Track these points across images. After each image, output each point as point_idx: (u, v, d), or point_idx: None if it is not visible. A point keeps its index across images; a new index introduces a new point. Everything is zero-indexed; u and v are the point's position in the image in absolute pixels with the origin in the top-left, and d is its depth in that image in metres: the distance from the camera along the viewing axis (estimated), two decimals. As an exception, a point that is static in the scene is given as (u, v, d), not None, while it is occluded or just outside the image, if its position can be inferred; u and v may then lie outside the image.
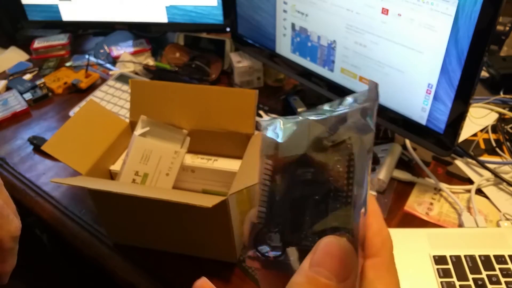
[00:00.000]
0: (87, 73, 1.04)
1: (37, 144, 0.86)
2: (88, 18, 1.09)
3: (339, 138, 0.24)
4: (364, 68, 0.73)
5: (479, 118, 0.86)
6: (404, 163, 0.78)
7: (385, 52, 0.68)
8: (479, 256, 0.60)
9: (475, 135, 0.83)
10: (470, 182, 0.74)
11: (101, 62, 1.10)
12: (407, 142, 0.80)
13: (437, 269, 0.59)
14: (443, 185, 0.73)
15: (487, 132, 0.84)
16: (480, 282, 0.57)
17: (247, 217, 0.25)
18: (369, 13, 0.67)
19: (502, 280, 0.57)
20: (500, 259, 0.59)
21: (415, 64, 0.65)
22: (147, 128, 0.66)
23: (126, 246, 0.66)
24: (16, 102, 0.97)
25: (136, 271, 0.64)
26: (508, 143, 0.80)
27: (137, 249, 0.66)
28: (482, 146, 0.81)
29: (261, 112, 0.93)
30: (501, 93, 0.92)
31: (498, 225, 0.67)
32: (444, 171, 0.77)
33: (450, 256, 0.60)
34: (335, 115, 0.24)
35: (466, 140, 0.82)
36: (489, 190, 0.73)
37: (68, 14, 1.09)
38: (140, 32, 1.15)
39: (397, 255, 0.68)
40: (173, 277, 0.62)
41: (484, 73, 0.98)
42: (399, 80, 0.68)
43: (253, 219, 0.25)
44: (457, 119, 0.63)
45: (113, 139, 0.67)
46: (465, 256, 0.60)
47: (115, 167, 0.67)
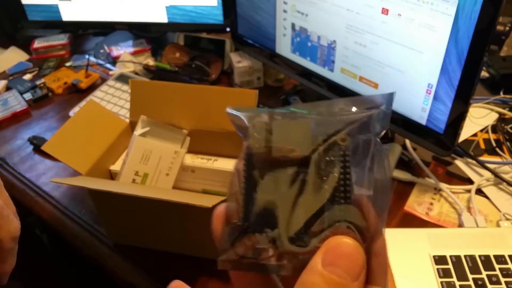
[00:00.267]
0: (87, 73, 1.04)
1: (37, 144, 0.86)
2: (88, 18, 1.09)
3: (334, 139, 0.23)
4: (364, 68, 0.73)
5: (479, 118, 0.86)
6: (404, 163, 0.78)
7: (385, 52, 0.68)
8: (479, 256, 0.60)
9: (475, 135, 0.83)
10: (470, 182, 0.74)
11: (101, 62, 1.10)
12: (407, 142, 0.80)
13: (437, 269, 0.59)
14: (443, 185, 0.73)
15: (487, 132, 0.84)
16: (480, 282, 0.57)
17: (217, 215, 0.24)
18: (369, 13, 0.67)
19: (502, 280, 0.57)
20: (500, 259, 0.59)
21: (415, 64, 0.65)
22: (147, 128, 0.66)
23: (126, 246, 0.66)
24: (16, 102, 0.97)
25: (136, 271, 0.64)
26: (508, 143, 0.80)
27: (137, 249, 0.66)
28: (482, 146, 0.81)
29: (261, 112, 0.93)
30: (501, 93, 0.92)
31: (498, 225, 0.67)
32: (444, 171, 0.77)
33: (450, 256, 0.60)
34: (339, 118, 0.24)
35: (466, 140, 0.82)
36: (489, 190, 0.73)
37: (68, 14, 1.09)
38: (140, 32, 1.15)
39: (397, 255, 0.68)
40: (173, 277, 0.62)
41: (484, 73, 0.98)
42: (399, 80, 0.68)
43: (230, 219, 0.24)
44: (457, 119, 0.63)
45: (113, 139, 0.67)
46: (465, 256, 0.60)
47: (115, 167, 0.67)
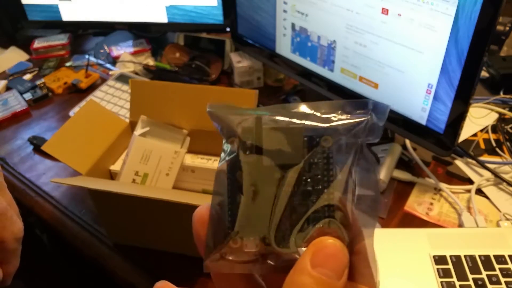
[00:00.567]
0: (87, 73, 1.04)
1: (37, 144, 0.86)
2: (88, 18, 1.09)
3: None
4: (364, 68, 0.73)
5: (479, 118, 0.86)
6: (404, 163, 0.78)
7: (385, 52, 0.68)
8: (479, 256, 0.60)
9: (475, 135, 0.83)
10: (470, 182, 0.74)
11: (101, 62, 1.10)
12: (407, 142, 0.80)
13: (437, 269, 0.59)
14: (443, 185, 0.73)
15: (487, 132, 0.84)
16: (480, 282, 0.57)
17: (199, 218, 0.24)
18: (369, 13, 0.67)
19: (502, 280, 0.57)
20: (500, 259, 0.59)
21: (415, 64, 0.65)
22: (147, 128, 0.66)
23: (126, 246, 0.66)
24: (16, 102, 0.97)
25: (136, 271, 0.64)
26: (508, 143, 0.80)
27: (137, 249, 0.66)
28: (482, 146, 0.81)
29: (261, 112, 0.93)
30: (501, 93, 0.92)
31: (498, 225, 0.67)
32: (444, 171, 0.77)
33: (450, 256, 0.60)
34: (329, 126, 0.23)
35: (466, 140, 0.82)
36: (489, 190, 0.73)
37: (68, 14, 1.09)
38: (140, 32, 1.15)
39: (397, 255, 0.68)
40: (173, 277, 0.62)
41: (484, 73, 0.98)
42: (399, 80, 0.68)
43: (214, 222, 0.24)
44: (457, 119, 0.63)
45: (113, 139, 0.67)
46: (465, 256, 0.60)
47: (115, 167, 0.67)
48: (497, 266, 0.58)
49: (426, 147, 0.70)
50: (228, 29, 1.03)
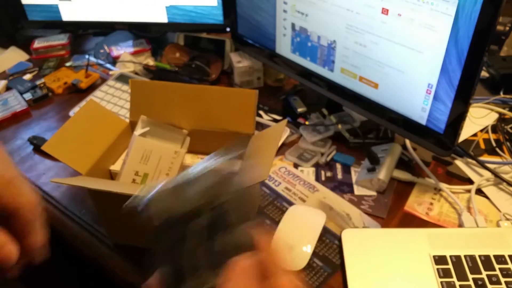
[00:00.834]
0: (87, 73, 1.04)
1: (37, 144, 0.86)
2: (88, 18, 1.09)
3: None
4: (364, 68, 0.73)
5: (479, 118, 0.86)
6: (404, 163, 0.78)
7: (385, 52, 0.68)
8: (479, 256, 0.60)
9: (475, 135, 0.83)
10: (470, 182, 0.74)
11: (101, 62, 1.10)
12: (407, 142, 0.80)
13: (437, 269, 0.59)
14: (443, 185, 0.73)
15: (487, 132, 0.84)
16: (480, 282, 0.57)
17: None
18: (369, 13, 0.67)
19: (502, 280, 0.57)
20: (500, 259, 0.59)
21: (415, 64, 0.65)
22: (147, 128, 0.66)
23: (126, 246, 0.66)
24: (16, 102, 0.97)
25: (136, 271, 0.64)
26: (508, 143, 0.80)
27: (137, 249, 0.65)
28: (482, 146, 0.81)
29: (261, 112, 0.93)
30: (501, 93, 0.92)
31: (498, 225, 0.67)
32: (444, 171, 0.77)
33: (450, 256, 0.60)
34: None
35: (466, 140, 0.82)
36: (489, 190, 0.73)
37: (68, 14, 1.09)
38: (140, 32, 1.15)
39: (397, 255, 0.68)
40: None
41: (484, 73, 0.98)
42: (399, 80, 0.68)
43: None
44: (457, 119, 0.63)
45: (113, 139, 0.67)
46: (465, 256, 0.60)
47: (115, 167, 0.67)
48: (497, 266, 0.59)
49: (426, 147, 0.70)
50: (228, 29, 1.03)
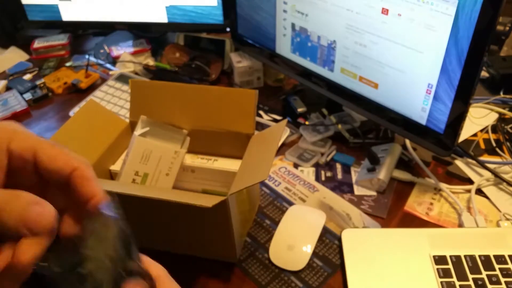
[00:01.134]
0: (87, 73, 1.04)
1: (37, 144, 0.86)
2: (88, 18, 1.09)
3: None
4: (364, 68, 0.73)
5: (479, 118, 0.86)
6: (404, 163, 0.78)
7: (385, 52, 0.68)
8: (479, 256, 0.60)
9: (475, 135, 0.83)
10: (470, 182, 0.74)
11: (101, 62, 1.10)
12: (407, 142, 0.80)
13: (437, 269, 0.59)
14: (443, 185, 0.73)
15: (487, 132, 0.84)
16: (480, 282, 0.57)
17: None
18: (369, 13, 0.67)
19: (502, 280, 0.57)
20: (500, 259, 0.59)
21: (415, 64, 0.65)
22: (147, 128, 0.66)
23: (126, 246, 0.66)
24: (16, 102, 0.97)
25: (136, 271, 0.64)
26: (508, 143, 0.80)
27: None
28: (482, 146, 0.81)
29: (261, 112, 0.93)
30: (501, 93, 0.92)
31: (498, 225, 0.67)
32: (444, 171, 0.77)
33: (450, 256, 0.60)
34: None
35: (466, 140, 0.82)
36: (489, 190, 0.73)
37: (68, 14, 1.09)
38: (140, 32, 1.15)
39: (397, 255, 0.67)
40: (173, 277, 0.62)
41: (484, 73, 0.98)
42: (399, 80, 0.68)
43: None
44: (457, 119, 0.63)
45: (113, 139, 0.67)
46: (465, 256, 0.60)
47: (115, 167, 0.67)
48: (497, 266, 0.59)
49: (426, 147, 0.70)
50: (228, 29, 1.03)
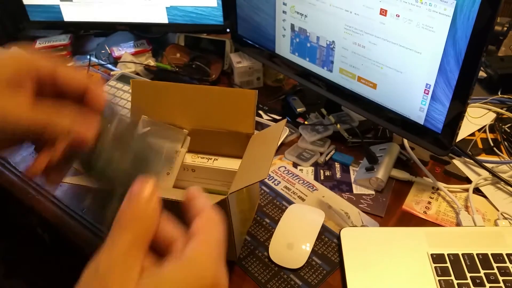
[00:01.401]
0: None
1: (38, 144, 0.86)
2: (89, 19, 1.10)
3: None
4: (363, 69, 0.73)
5: (477, 118, 0.87)
6: (402, 163, 0.79)
7: (384, 52, 0.68)
8: (477, 254, 0.60)
9: (473, 134, 0.84)
10: (468, 181, 0.75)
11: (102, 62, 1.11)
12: (405, 141, 0.80)
13: (435, 267, 0.59)
14: (441, 184, 0.74)
15: (484, 131, 0.84)
16: (478, 281, 0.57)
17: None
18: (368, 14, 0.67)
19: (500, 278, 0.57)
20: (498, 257, 0.60)
21: (413, 65, 0.65)
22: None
23: (127, 244, 0.67)
24: (17, 102, 0.98)
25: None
26: (505, 143, 0.81)
27: (138, 247, 0.66)
28: (480, 145, 0.82)
29: (260, 112, 0.93)
30: (499, 93, 0.92)
31: (496, 224, 0.67)
32: (442, 171, 0.78)
33: (448, 255, 0.60)
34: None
35: (464, 140, 0.82)
36: (487, 189, 0.73)
37: (70, 14, 1.09)
38: (141, 32, 1.16)
39: (395, 253, 0.68)
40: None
41: (482, 73, 0.98)
42: (398, 80, 0.69)
43: None
44: (455, 118, 0.64)
45: (114, 139, 0.68)
46: (463, 254, 0.60)
47: (116, 166, 0.68)
48: (495, 265, 0.59)
49: (424, 147, 0.70)
50: (228, 30, 1.03)
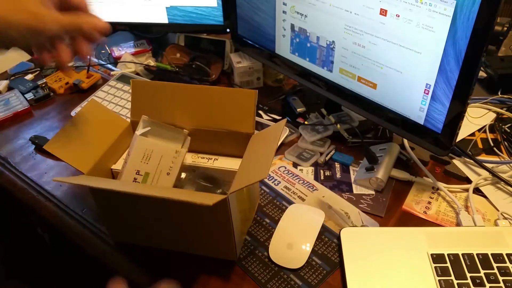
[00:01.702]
0: (88, 73, 1.04)
1: (38, 144, 0.86)
2: (89, 19, 1.10)
3: None
4: (363, 69, 0.73)
5: (477, 118, 0.87)
6: (402, 163, 0.79)
7: (384, 52, 0.69)
8: (477, 254, 0.60)
9: (473, 134, 0.84)
10: (468, 181, 0.75)
11: (102, 62, 1.11)
12: (405, 141, 0.80)
13: (435, 267, 0.59)
14: (441, 184, 0.74)
15: (484, 131, 0.84)
16: (478, 281, 0.57)
17: None
18: (368, 14, 0.67)
19: (500, 278, 0.57)
20: (498, 257, 0.60)
21: (413, 65, 0.66)
22: (148, 128, 0.66)
23: (127, 244, 0.67)
24: (17, 102, 0.98)
25: (137, 269, 0.64)
26: (505, 143, 0.81)
27: (138, 247, 0.66)
28: (480, 145, 0.82)
29: (260, 112, 0.93)
30: (499, 93, 0.92)
31: (496, 224, 0.67)
32: (442, 171, 0.78)
33: (448, 255, 0.60)
34: None
35: (464, 140, 0.82)
36: (487, 189, 0.73)
37: (69, 14, 1.09)
38: (141, 33, 1.16)
39: (395, 253, 0.68)
40: (174, 275, 0.63)
41: (482, 73, 0.98)
42: (398, 80, 0.69)
43: None
44: (455, 118, 0.64)
45: (115, 139, 0.68)
46: (463, 254, 0.60)
47: (117, 166, 0.68)
48: (495, 265, 0.59)
49: (424, 147, 0.71)
50: (228, 30, 1.03)
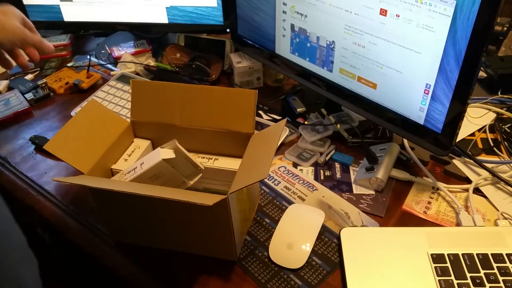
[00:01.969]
0: (88, 73, 1.04)
1: (38, 144, 0.86)
2: (89, 19, 1.10)
3: None
4: (363, 69, 0.73)
5: (477, 118, 0.87)
6: (402, 163, 0.79)
7: (384, 52, 0.69)
8: (477, 254, 0.60)
9: (473, 134, 0.84)
10: (468, 181, 0.75)
11: (102, 62, 1.11)
12: (405, 141, 0.80)
13: (435, 267, 0.59)
14: (441, 184, 0.74)
15: (484, 131, 0.84)
16: (478, 281, 0.57)
17: None
18: (368, 14, 0.67)
19: (500, 278, 0.57)
20: (498, 257, 0.60)
21: (413, 65, 0.66)
22: (173, 155, 0.63)
23: (128, 244, 0.67)
24: (17, 102, 0.98)
25: (137, 269, 0.64)
26: (505, 143, 0.81)
27: (138, 247, 0.66)
28: (480, 145, 0.82)
29: (260, 112, 0.93)
30: (499, 93, 0.92)
31: (496, 224, 0.67)
32: (442, 171, 0.78)
33: (448, 255, 0.60)
34: None
35: (464, 140, 0.82)
36: (487, 189, 0.73)
37: (70, 14, 1.09)
38: (141, 33, 1.16)
39: (395, 253, 0.68)
40: (174, 275, 0.63)
41: (482, 73, 0.98)
42: (398, 80, 0.69)
43: None
44: (455, 119, 0.64)
45: (115, 139, 0.68)
46: (463, 254, 0.60)
47: (117, 166, 0.68)
48: (495, 265, 0.59)
49: (424, 147, 0.71)
50: (228, 30, 1.03)
